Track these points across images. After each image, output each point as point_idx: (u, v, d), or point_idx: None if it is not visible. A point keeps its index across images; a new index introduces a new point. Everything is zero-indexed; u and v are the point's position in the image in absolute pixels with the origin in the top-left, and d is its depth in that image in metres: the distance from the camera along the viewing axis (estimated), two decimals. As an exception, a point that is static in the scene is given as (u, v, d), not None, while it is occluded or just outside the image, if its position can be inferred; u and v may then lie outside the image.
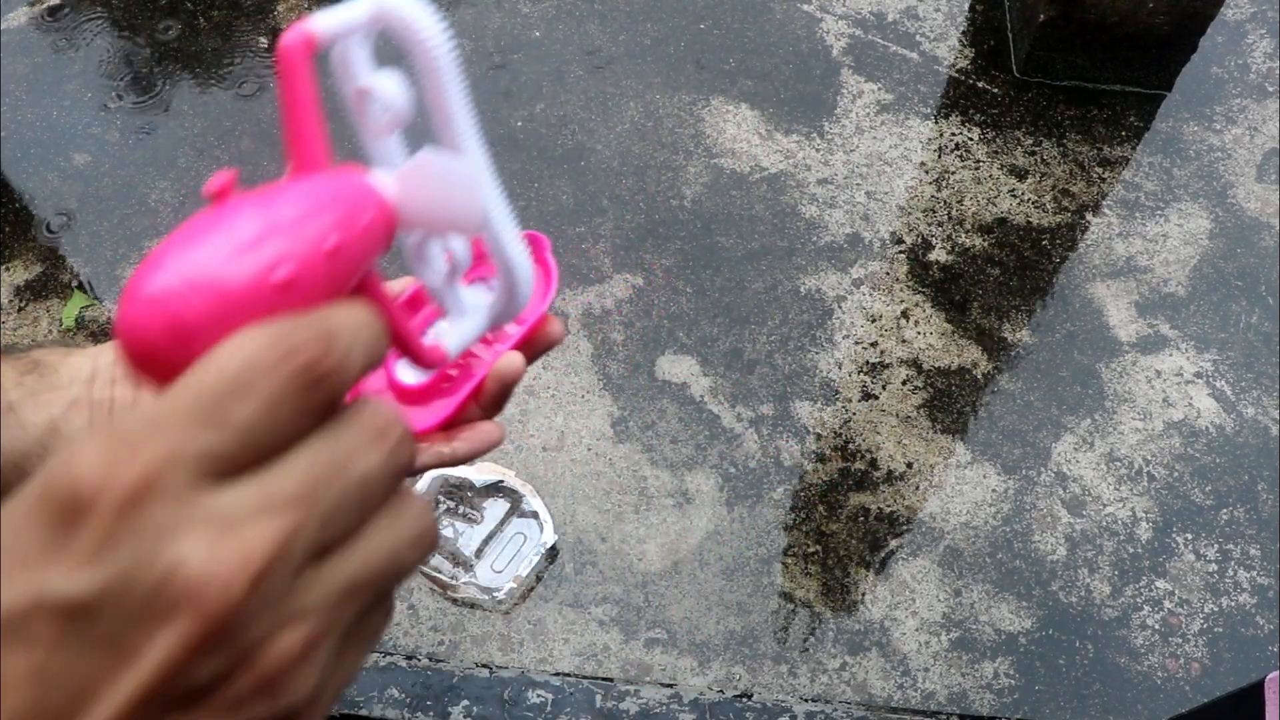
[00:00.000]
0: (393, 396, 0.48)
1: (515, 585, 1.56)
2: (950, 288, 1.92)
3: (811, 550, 1.64)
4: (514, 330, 0.49)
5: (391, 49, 0.37)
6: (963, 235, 1.98)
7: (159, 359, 0.26)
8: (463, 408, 0.48)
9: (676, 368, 1.82)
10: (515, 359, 0.47)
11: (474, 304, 0.41)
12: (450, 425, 0.48)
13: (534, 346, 0.50)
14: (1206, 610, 1.60)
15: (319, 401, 0.27)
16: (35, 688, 0.23)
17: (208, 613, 0.24)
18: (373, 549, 0.28)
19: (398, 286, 0.49)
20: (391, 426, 0.28)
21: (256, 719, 0.25)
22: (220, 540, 0.24)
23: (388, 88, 0.35)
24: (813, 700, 0.99)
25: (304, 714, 0.27)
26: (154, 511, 0.24)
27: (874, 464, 1.72)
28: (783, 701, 1.03)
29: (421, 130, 0.37)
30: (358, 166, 0.34)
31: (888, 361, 1.83)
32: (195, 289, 0.27)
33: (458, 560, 1.58)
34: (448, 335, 0.40)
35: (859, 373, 1.82)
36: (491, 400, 0.48)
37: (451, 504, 1.63)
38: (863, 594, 1.60)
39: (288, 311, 0.27)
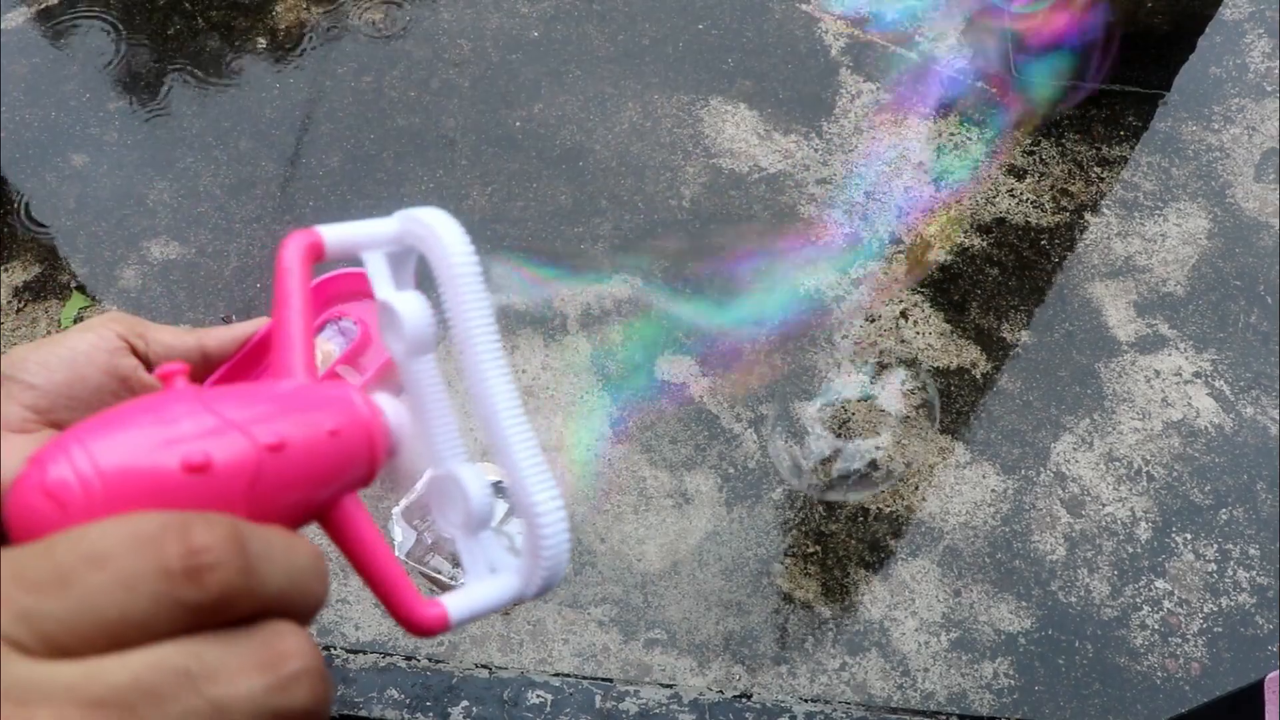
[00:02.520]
0: None
1: (514, 586, 1.56)
2: (949, 288, 1.92)
3: (811, 551, 1.64)
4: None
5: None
6: (961, 235, 1.98)
7: (41, 529, 0.24)
8: None
9: (676, 368, 1.82)
10: None
11: (499, 562, 0.34)
12: None
13: None
14: (1206, 610, 1.60)
15: (196, 600, 0.22)
16: None
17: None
18: None
19: None
20: (290, 658, 0.24)
21: None
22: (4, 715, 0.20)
23: (409, 309, 0.32)
24: (812, 701, 0.99)
25: None
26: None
27: (873, 464, 1.72)
28: (782, 702, 1.02)
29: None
30: (349, 384, 0.32)
31: (887, 362, 1.83)
32: (90, 464, 0.24)
33: (457, 561, 1.58)
34: (454, 597, 0.33)
35: (858, 373, 1.82)
36: None
37: (451, 504, 1.63)
38: (862, 594, 1.60)
39: (205, 506, 0.24)
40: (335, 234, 0.33)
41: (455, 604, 0.32)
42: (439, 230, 0.32)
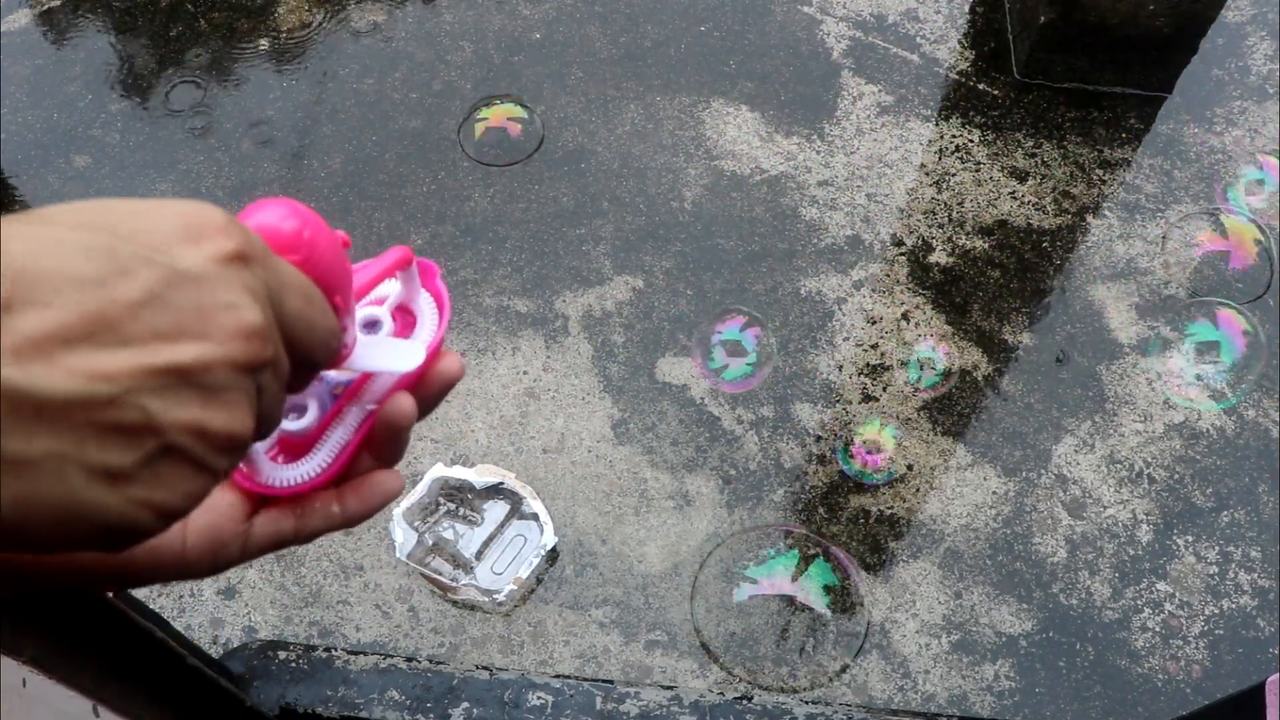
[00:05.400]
0: (278, 446, 0.44)
1: (515, 587, 1.56)
2: (951, 290, 1.92)
3: (812, 553, 1.64)
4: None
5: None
6: (963, 237, 1.98)
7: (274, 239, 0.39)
8: (352, 458, 0.44)
9: (677, 370, 1.82)
10: (405, 401, 0.43)
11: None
12: (343, 478, 0.44)
13: (427, 386, 0.45)
14: (1207, 613, 1.60)
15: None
16: (109, 304, 0.29)
17: (246, 352, 0.32)
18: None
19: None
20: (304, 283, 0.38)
21: (198, 441, 0.31)
22: (264, 312, 0.33)
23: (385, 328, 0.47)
24: (813, 703, 0.99)
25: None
26: (240, 273, 0.32)
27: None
28: (783, 704, 1.03)
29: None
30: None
31: (888, 364, 1.83)
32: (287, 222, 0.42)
33: (458, 562, 1.58)
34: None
35: (859, 375, 1.82)
36: (384, 448, 0.44)
37: (452, 506, 1.63)
38: (863, 596, 1.60)
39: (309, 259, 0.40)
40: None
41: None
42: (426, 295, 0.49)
